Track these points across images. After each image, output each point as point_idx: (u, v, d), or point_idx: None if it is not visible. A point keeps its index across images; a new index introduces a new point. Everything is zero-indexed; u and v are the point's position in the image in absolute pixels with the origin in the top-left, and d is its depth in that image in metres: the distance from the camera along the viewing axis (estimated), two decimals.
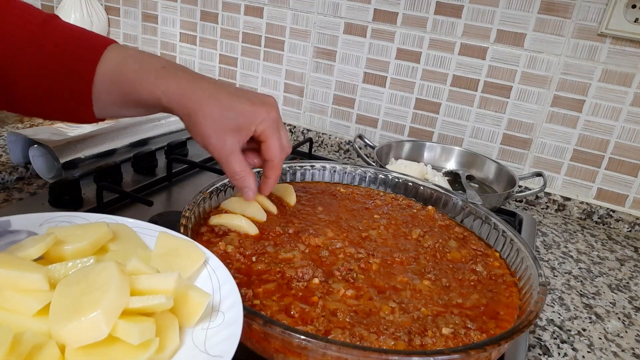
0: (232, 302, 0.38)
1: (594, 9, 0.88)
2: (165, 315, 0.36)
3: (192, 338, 0.36)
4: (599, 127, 0.93)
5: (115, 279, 0.33)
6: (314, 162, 0.76)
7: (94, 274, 0.34)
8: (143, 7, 1.31)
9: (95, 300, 0.31)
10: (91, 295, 0.32)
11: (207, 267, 0.42)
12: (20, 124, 0.95)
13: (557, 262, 0.79)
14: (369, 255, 0.56)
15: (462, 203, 0.69)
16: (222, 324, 0.36)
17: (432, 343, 0.43)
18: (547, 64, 0.94)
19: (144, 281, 0.35)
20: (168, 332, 0.35)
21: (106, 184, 0.69)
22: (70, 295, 0.33)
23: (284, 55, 1.17)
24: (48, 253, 0.39)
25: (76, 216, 0.45)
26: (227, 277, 0.41)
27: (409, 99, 1.07)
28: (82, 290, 0.33)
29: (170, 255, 0.42)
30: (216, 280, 0.41)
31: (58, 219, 0.45)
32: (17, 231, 0.42)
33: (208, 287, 0.40)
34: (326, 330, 0.43)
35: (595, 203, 0.97)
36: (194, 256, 0.42)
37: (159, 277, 0.36)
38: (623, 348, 0.60)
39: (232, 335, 0.35)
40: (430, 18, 1.00)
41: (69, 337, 0.31)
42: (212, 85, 0.51)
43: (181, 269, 0.40)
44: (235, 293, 0.39)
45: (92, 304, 0.31)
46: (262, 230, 0.58)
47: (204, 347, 0.34)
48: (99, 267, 0.35)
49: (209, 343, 0.35)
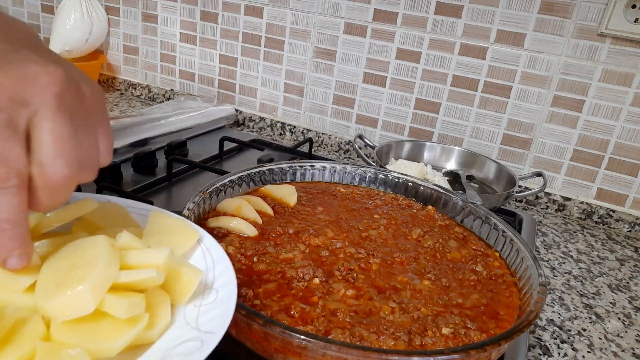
0: (225, 280, 0.37)
1: (594, 9, 0.88)
2: (156, 291, 0.35)
3: (184, 315, 0.35)
4: (599, 127, 0.93)
5: (104, 254, 0.32)
6: (314, 162, 0.75)
7: (83, 248, 0.33)
8: (143, 7, 1.31)
9: (82, 274, 0.30)
10: (79, 269, 0.31)
11: (201, 246, 0.41)
12: None
13: (557, 262, 0.79)
14: (369, 255, 0.56)
15: (462, 203, 0.69)
16: (215, 301, 0.36)
17: (432, 343, 0.43)
18: (547, 64, 0.94)
19: (135, 256, 0.35)
20: (159, 309, 0.34)
21: (106, 184, 0.69)
22: (58, 270, 0.32)
23: (284, 55, 1.17)
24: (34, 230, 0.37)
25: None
26: (221, 256, 0.40)
27: (409, 99, 1.07)
28: (70, 265, 0.32)
29: (163, 234, 0.41)
30: (210, 258, 0.40)
31: None
32: None
33: (202, 265, 0.39)
34: (326, 330, 0.43)
35: (595, 203, 0.97)
36: (187, 235, 0.41)
37: (150, 251, 0.35)
38: (623, 348, 0.60)
39: (224, 312, 0.34)
40: (430, 18, 1.00)
41: (54, 310, 0.30)
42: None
43: (174, 247, 0.39)
44: (229, 271, 0.38)
45: (79, 278, 0.30)
46: (262, 231, 0.58)
47: (196, 324, 0.34)
48: (88, 242, 0.34)
49: (200, 320, 0.34)
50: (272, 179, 0.71)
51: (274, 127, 1.23)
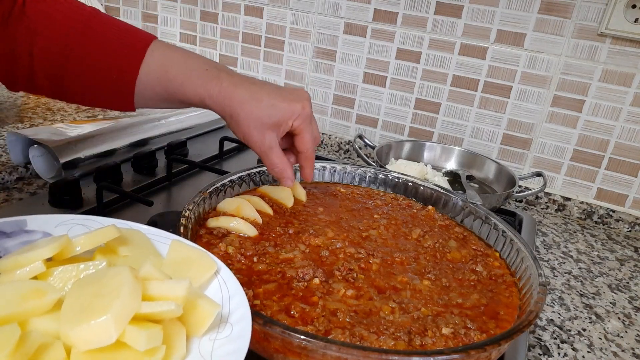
0: (241, 315, 0.38)
1: (594, 9, 0.88)
2: (173, 323, 0.35)
3: (199, 348, 0.36)
4: (599, 127, 0.93)
5: (127, 284, 0.32)
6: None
7: (107, 277, 0.34)
8: (143, 7, 1.31)
9: (106, 304, 0.31)
10: (103, 298, 0.32)
11: (217, 278, 0.42)
12: (20, 123, 0.95)
13: (557, 262, 0.79)
14: (369, 255, 0.56)
15: (462, 203, 0.69)
16: (229, 335, 0.36)
17: (432, 343, 0.43)
18: (547, 64, 0.94)
19: (155, 287, 0.35)
20: (175, 340, 0.34)
21: (106, 184, 0.69)
22: (83, 297, 0.32)
23: (284, 55, 1.17)
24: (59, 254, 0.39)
25: (91, 220, 0.46)
26: (237, 289, 0.40)
27: (409, 99, 1.07)
28: (94, 293, 0.32)
29: (182, 264, 0.42)
30: (226, 291, 0.40)
31: (72, 221, 0.45)
32: (32, 231, 0.43)
33: (218, 297, 0.40)
34: (326, 330, 0.43)
35: (595, 203, 0.97)
36: (205, 265, 0.42)
37: (170, 283, 0.36)
38: (623, 348, 0.60)
39: (239, 348, 0.34)
40: (430, 18, 1.00)
41: (77, 339, 0.31)
42: (253, 85, 0.55)
43: (192, 278, 0.39)
44: (244, 306, 0.38)
45: (102, 307, 0.31)
46: (262, 231, 0.58)
47: (210, 358, 0.34)
48: (112, 271, 0.34)
49: (215, 354, 0.34)
50: (272, 179, 0.71)
51: None
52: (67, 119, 1.03)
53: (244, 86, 0.55)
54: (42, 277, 0.37)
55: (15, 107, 1.04)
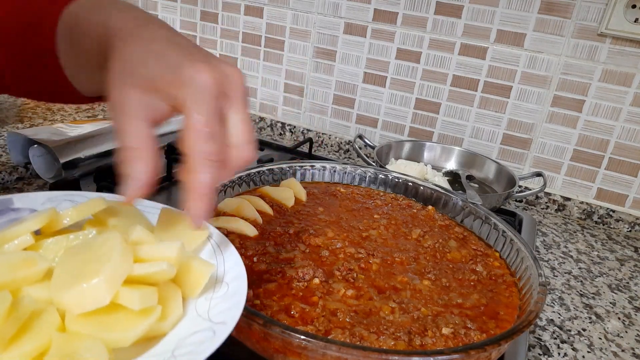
0: (236, 273, 0.38)
1: (594, 9, 0.88)
2: (168, 285, 0.35)
3: (196, 307, 0.36)
4: (599, 127, 0.93)
5: (118, 248, 0.32)
6: (314, 162, 0.75)
7: (97, 244, 0.34)
8: (143, 7, 1.31)
9: (97, 267, 0.31)
10: (94, 263, 0.32)
11: (210, 242, 0.42)
12: (20, 123, 0.95)
13: (557, 262, 0.79)
14: (369, 255, 0.56)
15: (462, 203, 0.69)
16: (225, 293, 0.36)
17: (432, 343, 0.43)
18: (547, 64, 0.94)
19: (147, 250, 0.35)
20: (171, 301, 0.35)
21: (106, 184, 0.69)
22: (73, 264, 0.32)
23: (284, 55, 1.17)
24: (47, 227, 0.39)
25: (78, 195, 0.45)
26: (231, 250, 0.40)
27: (409, 99, 1.07)
28: (85, 259, 0.32)
29: (173, 230, 0.42)
30: (220, 254, 0.41)
31: (60, 197, 0.45)
32: (19, 209, 0.42)
33: (212, 260, 0.40)
34: (326, 330, 0.43)
35: (595, 203, 0.97)
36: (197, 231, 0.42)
37: (162, 245, 0.36)
38: (623, 348, 0.60)
39: (236, 303, 0.34)
40: (430, 18, 1.00)
41: (70, 303, 0.31)
42: (161, 29, 0.39)
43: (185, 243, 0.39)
44: (239, 265, 0.38)
45: (94, 271, 0.31)
46: (262, 231, 0.58)
47: (207, 316, 0.34)
48: (102, 238, 0.35)
49: (212, 312, 0.35)
50: (272, 179, 0.71)
51: (274, 127, 1.23)
52: (67, 119, 1.03)
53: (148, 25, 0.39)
54: (32, 249, 0.37)
55: (15, 107, 1.04)
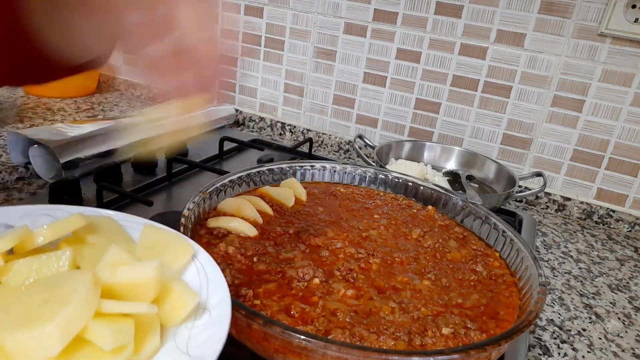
0: (219, 299, 0.35)
1: (594, 9, 0.88)
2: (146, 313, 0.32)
3: (175, 337, 0.33)
4: (599, 127, 0.93)
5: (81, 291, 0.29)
6: (314, 162, 0.75)
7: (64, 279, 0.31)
8: None
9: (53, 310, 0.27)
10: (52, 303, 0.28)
11: (195, 262, 0.39)
12: (21, 123, 0.95)
13: (557, 262, 0.79)
14: (369, 255, 0.56)
15: (462, 203, 0.69)
16: (207, 322, 0.34)
17: (432, 343, 0.43)
18: (547, 64, 0.94)
19: (123, 273, 0.32)
20: (148, 332, 0.32)
21: (106, 184, 0.69)
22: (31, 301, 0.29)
23: (284, 55, 1.17)
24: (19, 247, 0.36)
25: (57, 209, 0.42)
26: (216, 273, 0.38)
27: (409, 99, 1.07)
28: (46, 298, 0.29)
29: (155, 248, 0.39)
30: (204, 275, 0.38)
31: (38, 212, 0.42)
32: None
33: (196, 282, 0.38)
34: (326, 330, 0.43)
35: (595, 203, 0.97)
36: (181, 250, 0.40)
37: (139, 265, 0.33)
38: (623, 348, 0.60)
39: (216, 335, 0.32)
40: (430, 18, 1.00)
41: (15, 348, 0.27)
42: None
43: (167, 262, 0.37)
44: (223, 290, 0.36)
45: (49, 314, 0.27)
46: (262, 231, 0.58)
47: (186, 349, 0.32)
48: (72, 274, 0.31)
49: (191, 344, 0.32)
50: (272, 179, 0.71)
51: (274, 127, 1.23)
52: (67, 119, 1.03)
53: None
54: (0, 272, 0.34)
55: (15, 107, 1.04)
